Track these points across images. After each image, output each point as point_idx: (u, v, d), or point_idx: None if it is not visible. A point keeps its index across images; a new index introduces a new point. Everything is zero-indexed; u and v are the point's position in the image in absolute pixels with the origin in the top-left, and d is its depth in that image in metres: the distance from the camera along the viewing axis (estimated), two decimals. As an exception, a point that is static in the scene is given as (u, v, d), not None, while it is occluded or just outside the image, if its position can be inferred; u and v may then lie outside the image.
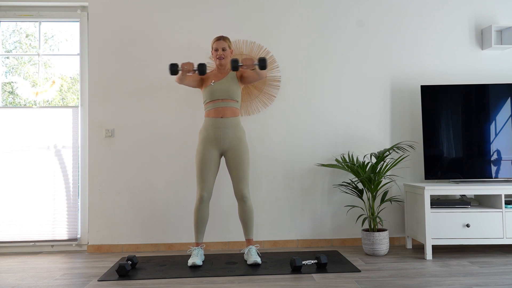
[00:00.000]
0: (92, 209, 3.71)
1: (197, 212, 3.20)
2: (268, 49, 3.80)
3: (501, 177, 3.52)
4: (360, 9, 3.86)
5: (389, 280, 2.73)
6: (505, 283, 2.62)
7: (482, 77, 3.86)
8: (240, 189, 3.21)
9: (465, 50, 3.88)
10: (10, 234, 3.73)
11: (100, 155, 3.73)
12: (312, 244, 3.77)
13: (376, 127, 3.83)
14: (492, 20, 3.89)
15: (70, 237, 3.77)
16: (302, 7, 3.84)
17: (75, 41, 3.95)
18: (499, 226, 3.24)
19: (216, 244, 3.73)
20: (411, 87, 3.85)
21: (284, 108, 3.81)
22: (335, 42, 3.85)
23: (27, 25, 3.96)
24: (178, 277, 2.87)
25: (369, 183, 3.40)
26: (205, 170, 3.19)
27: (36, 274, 3.04)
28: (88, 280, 2.86)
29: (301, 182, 3.79)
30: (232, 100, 3.23)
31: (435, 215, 3.26)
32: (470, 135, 3.55)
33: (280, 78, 3.80)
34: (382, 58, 3.85)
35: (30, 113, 3.80)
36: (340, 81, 3.83)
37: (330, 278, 2.80)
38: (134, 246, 3.71)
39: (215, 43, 3.28)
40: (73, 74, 4.00)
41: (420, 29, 3.87)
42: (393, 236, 3.80)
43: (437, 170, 3.55)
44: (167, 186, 3.74)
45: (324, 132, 3.81)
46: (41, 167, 3.77)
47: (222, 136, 3.20)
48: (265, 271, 2.96)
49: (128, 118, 3.76)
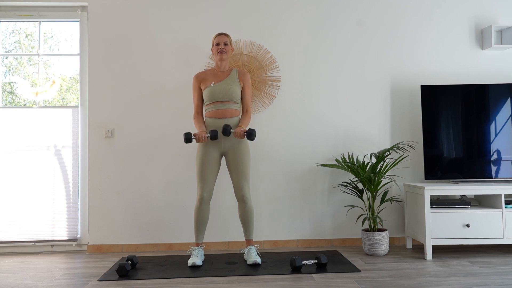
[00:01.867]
0: (92, 209, 3.71)
1: (197, 212, 3.20)
2: (268, 49, 3.80)
3: (501, 177, 3.51)
4: (360, 8, 3.86)
5: (389, 280, 2.73)
6: (505, 283, 2.62)
7: (482, 77, 3.86)
8: (241, 190, 3.20)
9: (465, 50, 3.88)
10: (10, 234, 3.73)
11: (100, 155, 3.73)
12: (312, 244, 3.77)
13: (376, 127, 3.83)
14: (492, 20, 3.89)
15: (70, 237, 3.77)
16: (302, 7, 3.84)
17: (75, 41, 3.94)
18: (499, 226, 3.24)
19: (216, 244, 3.73)
20: (411, 87, 3.85)
21: (284, 108, 3.81)
22: (335, 42, 3.85)
23: (26, 25, 3.96)
24: (178, 277, 2.87)
25: (369, 183, 3.40)
26: (206, 171, 3.19)
27: (36, 274, 3.04)
28: (88, 280, 2.86)
29: (301, 182, 3.78)
30: (232, 102, 3.23)
31: (435, 215, 3.26)
32: (470, 135, 3.55)
33: (280, 78, 3.80)
34: (382, 58, 3.85)
35: (30, 113, 3.80)
36: (340, 81, 3.84)
37: (330, 278, 2.79)
38: (134, 246, 3.71)
39: (216, 38, 3.27)
40: (73, 74, 4.00)
41: (420, 29, 3.87)
42: (393, 236, 3.80)
43: (437, 170, 3.55)
44: (167, 186, 3.74)
45: (324, 132, 3.81)
46: (41, 167, 3.77)
47: (223, 137, 3.20)
48: (265, 271, 2.95)
49: (128, 118, 3.76)
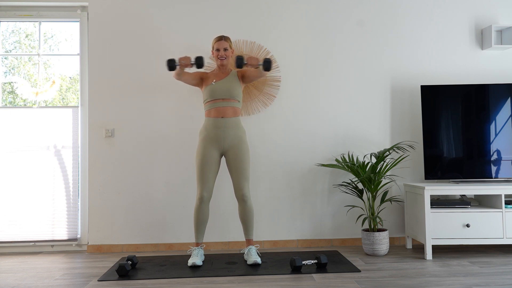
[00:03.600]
0: (92, 209, 3.71)
1: (197, 212, 3.20)
2: (268, 49, 3.80)
3: (501, 177, 3.51)
4: (360, 8, 3.86)
5: (389, 280, 2.73)
6: (505, 283, 2.62)
7: (482, 77, 3.86)
8: (240, 189, 3.20)
9: (465, 50, 3.88)
10: (10, 234, 3.73)
11: (100, 155, 3.73)
12: (312, 244, 3.77)
13: (376, 127, 3.83)
14: (492, 20, 3.89)
15: (70, 237, 3.77)
16: (302, 7, 3.84)
17: (75, 41, 3.94)
18: (499, 226, 3.24)
19: (216, 244, 3.73)
20: (411, 87, 3.85)
21: (284, 108, 3.81)
22: (335, 42, 3.85)
23: (26, 25, 3.96)
24: (178, 277, 2.87)
25: (369, 183, 3.40)
26: (206, 170, 3.18)
27: (36, 274, 3.04)
28: (88, 280, 2.86)
29: (301, 182, 3.78)
30: (233, 99, 3.22)
31: (435, 215, 3.26)
32: (470, 135, 3.55)
33: (280, 78, 3.80)
34: (382, 58, 3.85)
35: (30, 113, 3.80)
36: (340, 81, 3.84)
37: (330, 278, 2.79)
38: (134, 246, 3.71)
39: (216, 43, 3.25)
40: (73, 74, 4.00)
41: (420, 29, 3.87)
42: (393, 236, 3.80)
43: (437, 170, 3.55)
44: (167, 186, 3.74)
45: (324, 132, 3.81)
46: (41, 167, 3.77)
47: (223, 136, 3.19)
48: (265, 271, 2.96)
49: (128, 118, 3.76)
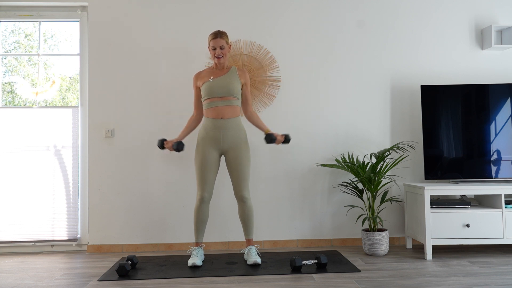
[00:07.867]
0: (92, 209, 3.71)
1: (197, 212, 3.19)
2: (268, 49, 3.80)
3: (501, 177, 3.51)
4: (360, 8, 3.86)
5: (389, 280, 2.73)
6: (505, 283, 2.62)
7: (482, 77, 3.86)
8: (240, 190, 3.19)
9: (465, 50, 3.88)
10: (10, 234, 3.73)
11: (100, 155, 3.73)
12: (312, 244, 3.77)
13: (376, 127, 3.83)
14: (492, 20, 3.89)
15: (70, 237, 3.77)
16: (302, 7, 3.84)
17: (75, 41, 3.94)
18: (499, 226, 3.24)
19: (216, 244, 3.73)
20: (411, 87, 3.85)
21: (284, 108, 3.81)
22: (335, 42, 3.85)
23: (26, 25, 3.96)
24: (178, 277, 2.87)
25: (369, 183, 3.40)
26: (205, 171, 3.17)
27: (36, 274, 3.04)
28: (88, 280, 2.86)
29: (301, 182, 3.78)
30: (232, 97, 3.17)
31: (435, 215, 3.26)
32: (470, 135, 3.55)
33: (280, 78, 3.80)
34: (382, 58, 3.85)
35: (30, 113, 3.80)
36: (340, 81, 3.83)
37: (330, 278, 2.79)
38: (134, 246, 3.71)
39: (212, 41, 3.15)
40: (73, 74, 4.00)
41: (420, 29, 3.87)
42: (393, 236, 3.80)
43: (437, 170, 3.55)
44: (167, 186, 3.74)
45: (324, 132, 3.81)
46: (41, 167, 3.77)
47: (222, 137, 3.17)
48: (265, 271, 2.95)
49: (128, 118, 3.75)
